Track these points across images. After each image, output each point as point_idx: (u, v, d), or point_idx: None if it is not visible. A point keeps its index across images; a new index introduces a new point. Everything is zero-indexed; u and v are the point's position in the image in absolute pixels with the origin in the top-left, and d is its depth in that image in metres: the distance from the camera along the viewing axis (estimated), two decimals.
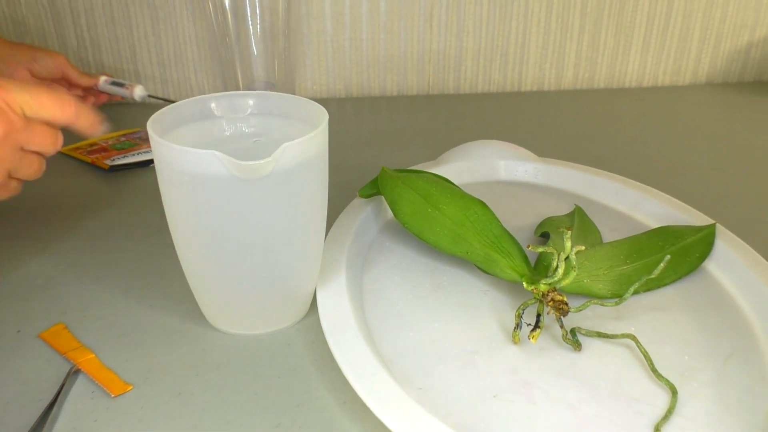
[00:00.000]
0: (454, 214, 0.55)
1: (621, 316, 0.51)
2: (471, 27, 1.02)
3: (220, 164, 0.41)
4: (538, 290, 0.48)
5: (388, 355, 0.47)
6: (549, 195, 0.70)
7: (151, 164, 0.78)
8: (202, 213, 0.44)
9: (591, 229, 0.61)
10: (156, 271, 0.58)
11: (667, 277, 0.55)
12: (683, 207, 0.64)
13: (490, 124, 0.94)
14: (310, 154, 0.44)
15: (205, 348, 0.49)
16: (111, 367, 0.47)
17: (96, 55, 0.97)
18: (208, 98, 0.51)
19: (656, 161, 0.82)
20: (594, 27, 1.04)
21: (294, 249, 0.48)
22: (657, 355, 0.46)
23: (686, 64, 1.10)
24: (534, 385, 0.44)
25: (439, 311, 0.52)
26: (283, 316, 0.51)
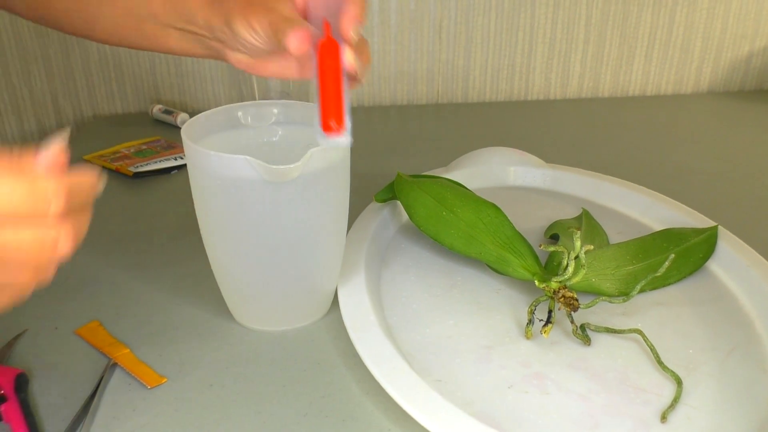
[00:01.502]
0: (467, 217, 0.58)
1: (628, 313, 0.53)
2: (479, 39, 1.05)
3: (251, 168, 0.44)
4: (550, 288, 0.51)
5: (406, 350, 0.50)
6: (557, 199, 0.73)
7: (173, 171, 0.81)
8: (233, 215, 0.47)
9: (598, 232, 0.64)
10: (184, 272, 0.61)
11: (671, 276, 0.57)
12: (687, 210, 0.66)
13: (498, 132, 0.97)
14: (334, 159, 0.47)
15: (233, 343, 0.52)
16: (145, 361, 0.50)
17: (116, 67, 1.01)
18: (235, 107, 0.53)
19: (660, 167, 0.84)
20: (598, 38, 1.07)
21: (318, 249, 0.50)
22: (662, 349, 0.48)
23: (688, 74, 1.13)
24: (546, 377, 0.47)
25: (455, 309, 0.54)
26: (307, 313, 0.54)
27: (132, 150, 0.86)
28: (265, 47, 0.46)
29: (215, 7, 0.46)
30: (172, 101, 1.03)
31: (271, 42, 0.45)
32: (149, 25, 0.49)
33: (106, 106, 1.03)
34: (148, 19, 0.49)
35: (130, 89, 1.03)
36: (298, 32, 0.41)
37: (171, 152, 0.85)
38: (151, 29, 0.49)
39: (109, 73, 1.01)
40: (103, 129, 0.98)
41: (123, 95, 1.03)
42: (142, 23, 0.49)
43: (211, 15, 0.46)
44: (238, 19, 0.45)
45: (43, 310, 0.55)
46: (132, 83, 1.02)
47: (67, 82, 1.01)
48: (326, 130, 0.41)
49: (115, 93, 1.03)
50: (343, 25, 0.42)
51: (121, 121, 1.01)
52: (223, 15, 0.46)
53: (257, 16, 0.44)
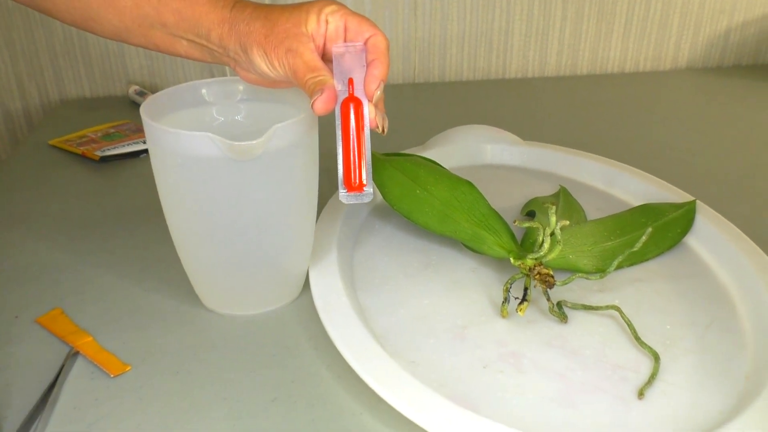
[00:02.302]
0: (441, 195, 0.56)
1: (605, 289, 0.52)
2: (455, 15, 1.03)
3: (213, 145, 0.42)
4: (525, 265, 0.50)
5: (380, 331, 0.48)
6: (534, 177, 0.72)
7: (141, 155, 0.79)
8: (196, 194, 0.45)
9: (576, 208, 0.63)
10: (151, 257, 0.59)
11: (649, 251, 0.56)
12: (665, 185, 0.65)
13: (476, 111, 0.95)
14: (300, 135, 0.45)
15: (201, 329, 0.50)
16: (109, 349, 0.48)
17: (83, 48, 0.97)
18: (200, 84, 0.51)
19: (639, 144, 0.83)
20: (576, 15, 1.06)
21: (286, 229, 0.49)
22: (640, 325, 0.48)
23: (666, 50, 1.11)
24: (523, 356, 0.46)
25: (429, 288, 0.53)
26: (277, 296, 0.52)
27: (99, 134, 0.84)
28: (280, 79, 0.46)
29: (231, 27, 0.45)
30: (142, 83, 1.00)
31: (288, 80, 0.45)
32: (158, 32, 0.47)
33: (74, 90, 1.00)
34: (157, 28, 0.47)
35: (98, 72, 0.99)
36: (325, 95, 0.42)
37: (139, 135, 0.82)
38: (160, 37, 0.47)
39: (75, 56, 0.98)
40: (70, 113, 0.95)
41: (91, 78, 1.00)
42: (150, 30, 0.47)
43: (226, 35, 0.45)
44: (255, 50, 0.44)
45: (2, 298, 0.53)
46: (100, 65, 0.99)
47: (32, 65, 0.98)
48: (348, 186, 0.42)
49: (82, 76, 0.99)
50: (368, 84, 0.44)
51: (90, 104, 0.98)
52: (238, 39, 0.45)
53: (277, 54, 0.44)
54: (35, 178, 0.74)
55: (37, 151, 0.81)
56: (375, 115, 0.44)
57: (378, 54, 0.44)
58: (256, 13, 0.45)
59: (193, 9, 0.45)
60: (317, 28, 0.45)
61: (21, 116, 1.01)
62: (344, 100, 0.43)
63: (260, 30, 0.44)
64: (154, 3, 0.46)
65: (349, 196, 0.42)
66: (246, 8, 0.45)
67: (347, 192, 0.42)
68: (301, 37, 0.44)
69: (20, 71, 0.98)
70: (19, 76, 0.98)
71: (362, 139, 0.42)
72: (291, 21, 0.44)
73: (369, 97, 0.43)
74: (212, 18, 0.45)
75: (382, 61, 0.44)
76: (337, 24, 0.45)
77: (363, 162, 0.42)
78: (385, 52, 0.45)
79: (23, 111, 1.00)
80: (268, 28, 0.44)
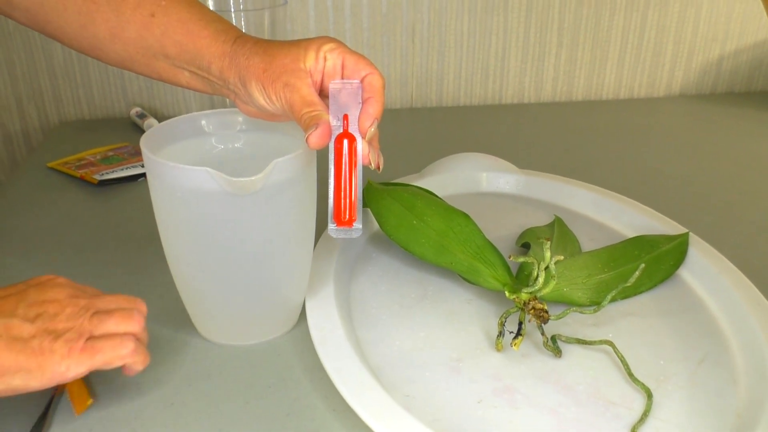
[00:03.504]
0: (438, 226, 0.57)
1: (599, 323, 0.53)
2: (452, 42, 1.04)
3: (212, 180, 0.42)
4: (520, 299, 0.50)
5: (375, 364, 0.48)
6: (530, 206, 0.72)
7: (140, 179, 0.79)
8: (194, 227, 0.45)
9: (570, 239, 0.63)
10: (147, 283, 0.59)
11: (643, 284, 0.56)
12: (658, 216, 0.66)
13: (472, 137, 0.96)
14: (299, 169, 0.46)
15: (196, 358, 0.50)
16: (103, 378, 0.48)
17: (83, 70, 0.98)
18: (199, 116, 0.52)
19: (632, 171, 0.84)
20: (571, 42, 1.07)
21: (283, 261, 0.49)
22: (633, 360, 0.48)
23: (660, 77, 1.13)
24: (516, 391, 0.46)
25: (425, 320, 0.53)
26: (273, 326, 0.52)
27: (98, 157, 0.84)
28: (278, 113, 0.46)
29: (231, 60, 0.46)
30: (141, 105, 1.01)
31: (285, 114, 0.45)
32: (161, 63, 0.48)
33: (73, 111, 1.01)
34: (160, 58, 0.48)
35: (98, 94, 1.00)
36: (319, 129, 0.42)
37: (138, 159, 0.82)
38: (162, 67, 0.48)
39: (75, 78, 0.98)
40: (69, 135, 0.96)
41: (90, 100, 1.00)
42: (154, 60, 0.48)
43: (226, 68, 0.46)
44: (254, 83, 0.45)
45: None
46: (99, 87, 1.00)
47: (32, 87, 0.98)
48: (338, 221, 0.42)
49: (81, 97, 1.00)
50: (362, 121, 0.44)
51: (89, 126, 0.99)
52: (238, 72, 0.46)
53: (275, 89, 0.44)
54: (33, 201, 0.75)
55: (36, 174, 0.82)
56: (368, 151, 0.44)
57: (374, 92, 0.45)
58: (255, 47, 0.46)
59: (194, 42, 0.46)
60: (315, 65, 0.46)
61: (20, 137, 1.01)
62: (338, 136, 0.44)
63: (259, 64, 0.45)
64: (157, 35, 0.47)
65: (338, 230, 0.42)
66: (246, 43, 0.46)
67: (336, 227, 0.42)
68: (299, 73, 0.45)
69: (20, 93, 0.98)
70: (19, 98, 0.98)
71: (354, 175, 0.43)
72: (290, 56, 0.45)
73: (363, 134, 0.44)
74: (213, 51, 0.46)
75: (377, 100, 0.45)
76: (335, 61, 0.46)
77: (353, 198, 0.43)
78: (381, 91, 0.45)
79: (22, 132, 1.01)
80: (267, 62, 0.45)
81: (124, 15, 0.47)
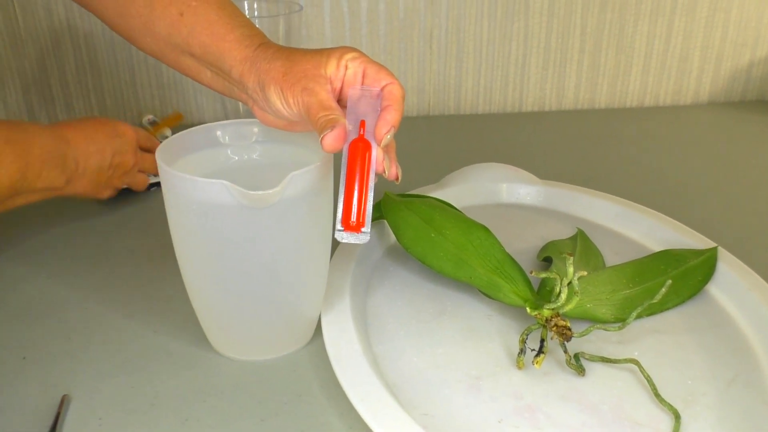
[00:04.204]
0: (456, 239, 0.57)
1: (624, 340, 0.53)
2: (471, 48, 1.05)
3: (228, 193, 0.43)
4: (542, 315, 0.50)
5: (392, 380, 0.49)
6: (551, 218, 0.72)
7: (152, 188, 0.80)
8: (210, 240, 0.46)
9: (594, 253, 0.63)
10: (160, 296, 0.60)
11: (669, 300, 0.56)
12: (685, 230, 0.66)
13: (491, 146, 0.96)
14: (316, 182, 0.46)
15: (210, 374, 0.51)
16: (117, 392, 0.49)
17: (95, 78, 1.00)
18: (214, 126, 0.53)
19: (658, 182, 0.84)
20: (594, 48, 1.07)
21: (299, 275, 0.49)
22: (660, 379, 0.48)
23: (687, 84, 1.13)
24: (538, 410, 0.46)
25: (444, 336, 0.54)
26: (288, 341, 0.53)
27: None
28: (294, 119, 0.48)
29: (251, 65, 0.48)
30: (153, 113, 1.02)
31: (302, 119, 0.47)
32: (188, 59, 0.52)
33: None
34: (186, 56, 0.52)
35: (110, 101, 1.02)
36: (335, 132, 0.43)
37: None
38: (189, 63, 0.52)
39: (87, 85, 1.00)
40: None
41: (102, 108, 1.02)
42: (181, 56, 0.52)
43: (246, 72, 0.48)
44: (272, 87, 0.47)
45: (10, 337, 0.54)
46: (111, 95, 1.01)
47: (43, 95, 1.00)
48: (346, 225, 0.43)
49: (93, 105, 1.02)
50: (379, 128, 0.45)
51: None
52: (257, 76, 0.47)
53: (293, 92, 0.46)
54: (43, 211, 0.76)
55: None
56: (383, 159, 0.45)
57: (393, 101, 0.46)
58: (278, 53, 0.48)
59: (218, 45, 0.49)
60: (336, 72, 0.47)
61: None
62: (353, 141, 0.44)
63: (279, 68, 0.47)
64: (184, 35, 0.50)
65: (346, 235, 0.43)
66: (269, 48, 0.48)
67: (344, 230, 0.43)
68: (319, 78, 0.46)
69: (31, 101, 1.00)
70: (30, 106, 1.00)
71: (366, 181, 0.44)
72: (311, 63, 0.47)
73: (378, 141, 0.45)
74: (235, 55, 0.48)
75: (396, 109, 0.46)
76: (356, 70, 0.47)
77: (364, 203, 0.43)
78: (400, 101, 0.46)
79: None
80: (288, 67, 0.47)
81: (156, 11, 0.50)
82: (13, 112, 1.00)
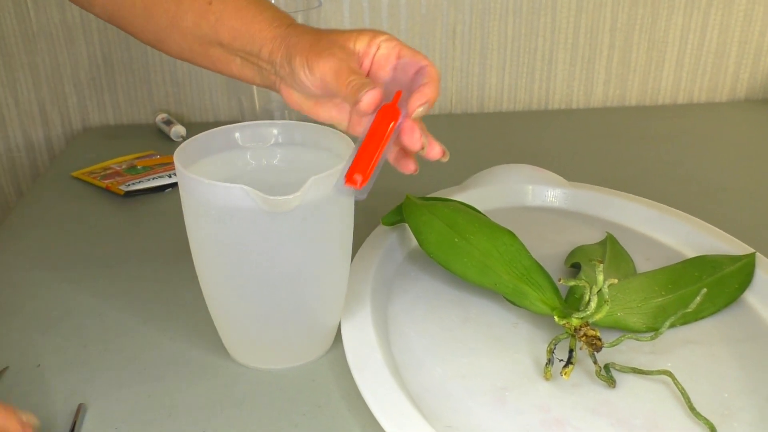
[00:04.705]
0: (481, 244, 0.57)
1: (657, 351, 0.53)
2: (496, 43, 1.04)
3: (248, 198, 0.44)
4: (570, 324, 0.50)
5: (415, 391, 0.49)
6: (579, 221, 0.72)
7: (167, 189, 0.81)
8: (228, 245, 0.47)
9: (624, 259, 0.63)
10: (176, 301, 0.60)
11: (704, 309, 0.56)
12: (721, 234, 0.66)
13: (516, 145, 0.96)
14: None
15: (228, 383, 0.51)
16: (133, 402, 0.49)
17: (108, 75, 1.01)
18: (233, 128, 0.53)
19: (692, 184, 0.83)
20: (624, 43, 1.07)
21: (319, 281, 0.50)
22: (695, 392, 0.48)
23: (723, 80, 1.12)
24: (567, 424, 0.46)
25: (468, 345, 0.54)
26: (308, 350, 0.53)
27: (124, 166, 0.87)
28: (317, 91, 0.49)
29: (281, 41, 0.50)
30: (168, 111, 1.04)
31: (328, 91, 0.48)
32: (216, 50, 0.53)
33: (97, 117, 1.04)
34: (214, 45, 0.53)
35: (123, 99, 1.03)
36: (373, 92, 0.45)
37: (165, 169, 0.85)
38: (217, 54, 0.54)
39: (100, 82, 1.02)
40: (93, 142, 0.99)
41: (115, 105, 1.03)
42: (210, 48, 0.53)
43: (276, 49, 0.50)
44: (299, 59, 0.48)
45: (25, 344, 0.55)
46: (125, 92, 1.03)
47: (55, 92, 1.02)
48: (348, 180, 0.44)
49: (107, 103, 1.03)
50: (413, 100, 0.46)
51: (113, 133, 1.02)
52: (286, 50, 0.49)
53: (319, 60, 0.47)
54: (57, 213, 0.77)
55: (59, 184, 0.84)
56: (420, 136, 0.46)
57: (431, 79, 0.48)
58: (309, 29, 0.50)
59: (248, 27, 0.51)
60: (367, 49, 0.49)
61: (42, 145, 1.04)
62: (384, 106, 0.46)
63: (308, 40, 0.49)
64: (212, 22, 0.52)
65: (345, 188, 0.44)
66: (299, 27, 0.51)
67: (344, 184, 0.44)
68: (347, 50, 0.48)
69: (43, 98, 1.02)
70: (42, 103, 1.02)
71: (384, 146, 0.45)
72: (342, 36, 0.49)
73: (411, 111, 0.46)
74: (266, 35, 0.51)
75: (433, 87, 0.47)
76: (389, 51, 0.49)
77: (374, 165, 0.44)
78: (438, 81, 0.48)
79: (45, 139, 1.04)
80: (316, 39, 0.49)
81: (183, 4, 0.52)
82: (24, 110, 1.02)
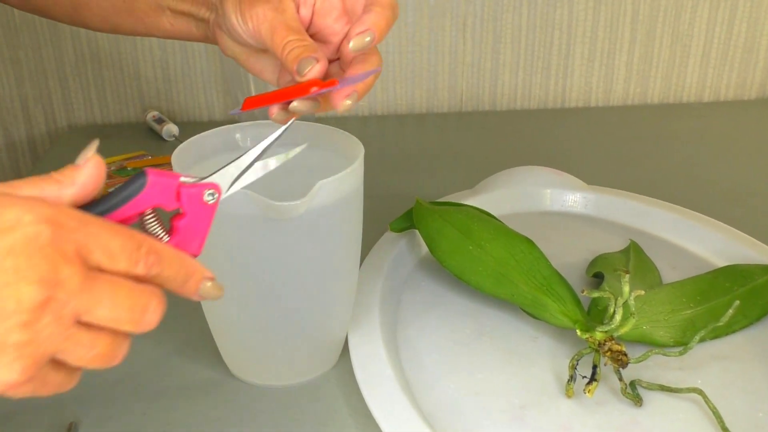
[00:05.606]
0: (497, 253, 0.58)
1: (686, 366, 0.53)
2: (509, 37, 1.05)
3: (251, 203, 0.44)
4: (594, 339, 0.50)
5: (427, 409, 0.49)
6: (600, 228, 0.72)
7: None
8: (229, 253, 0.47)
9: (649, 268, 0.63)
10: (172, 313, 0.60)
11: (736, 322, 0.56)
12: (752, 242, 0.66)
13: (531, 145, 0.97)
14: (345, 191, 0.47)
15: (227, 400, 0.52)
16: (127, 420, 0.50)
17: (96, 71, 1.02)
18: (233, 128, 0.54)
19: (719, 187, 0.84)
20: (647, 36, 1.07)
21: (326, 292, 0.50)
22: (727, 411, 0.48)
23: (752, 77, 1.12)
24: None
25: (483, 360, 0.54)
26: (313, 364, 0.54)
27: (112, 168, 0.87)
28: (251, 41, 0.47)
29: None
30: (158, 109, 1.04)
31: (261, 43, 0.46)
32: (141, 4, 0.53)
33: (83, 115, 1.04)
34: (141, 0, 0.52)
35: (111, 96, 1.04)
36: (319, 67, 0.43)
37: None
38: (144, 9, 0.53)
39: (87, 78, 1.02)
40: (79, 141, 0.98)
41: (103, 102, 1.04)
42: (134, 2, 0.53)
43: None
44: (230, 1, 0.46)
45: None
46: (113, 89, 1.03)
47: (39, 88, 1.02)
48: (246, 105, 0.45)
49: (93, 100, 1.04)
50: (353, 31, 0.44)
51: (101, 132, 1.02)
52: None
53: (252, 7, 0.45)
54: None
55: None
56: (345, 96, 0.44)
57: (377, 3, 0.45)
58: None
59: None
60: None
61: (25, 144, 1.05)
62: None
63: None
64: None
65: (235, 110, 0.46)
66: None
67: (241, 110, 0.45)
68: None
69: (26, 94, 1.02)
70: (25, 100, 1.02)
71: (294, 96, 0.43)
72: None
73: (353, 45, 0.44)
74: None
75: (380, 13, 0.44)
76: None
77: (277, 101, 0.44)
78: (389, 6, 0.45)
79: (27, 138, 1.05)
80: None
81: None
82: (6, 107, 1.02)
